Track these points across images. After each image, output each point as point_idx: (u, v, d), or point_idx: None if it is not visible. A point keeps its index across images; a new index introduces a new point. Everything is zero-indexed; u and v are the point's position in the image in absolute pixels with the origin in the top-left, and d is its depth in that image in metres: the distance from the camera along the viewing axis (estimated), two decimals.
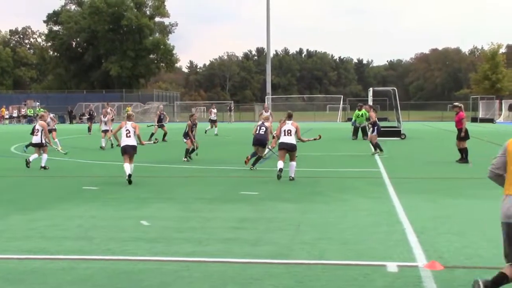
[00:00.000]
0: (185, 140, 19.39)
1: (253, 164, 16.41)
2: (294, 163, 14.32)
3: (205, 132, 33.49)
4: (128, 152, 14.05)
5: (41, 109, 38.70)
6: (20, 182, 14.65)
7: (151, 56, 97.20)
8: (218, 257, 6.95)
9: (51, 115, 27.93)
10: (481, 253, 7.01)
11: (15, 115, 68.78)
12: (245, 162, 16.83)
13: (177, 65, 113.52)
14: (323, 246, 7.40)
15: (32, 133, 17.82)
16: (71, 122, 65.66)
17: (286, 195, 11.69)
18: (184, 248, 7.41)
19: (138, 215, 9.53)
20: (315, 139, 15.78)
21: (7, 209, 10.38)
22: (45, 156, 17.27)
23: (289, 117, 14.85)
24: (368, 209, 9.97)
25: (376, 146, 20.65)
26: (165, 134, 28.95)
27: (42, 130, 17.44)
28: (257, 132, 16.74)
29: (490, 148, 24.73)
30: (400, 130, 30.75)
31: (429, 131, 41.06)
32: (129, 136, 14.28)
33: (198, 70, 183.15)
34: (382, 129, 28.68)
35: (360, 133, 29.99)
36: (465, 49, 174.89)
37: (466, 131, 18.33)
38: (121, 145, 14.35)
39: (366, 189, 12.53)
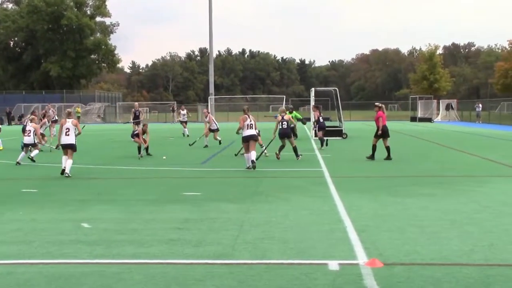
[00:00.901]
0: (133, 140, 21.02)
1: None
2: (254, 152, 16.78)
3: (186, 135, 32.68)
4: (68, 148, 15.30)
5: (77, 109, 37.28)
6: None
7: (92, 56, 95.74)
8: (161, 259, 6.90)
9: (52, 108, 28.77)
10: (419, 249, 7.15)
11: None
12: (277, 157, 18.80)
13: (119, 65, 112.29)
14: (265, 246, 7.43)
15: (23, 132, 19.62)
16: (9, 124, 64.14)
17: (229, 195, 11.69)
18: (126, 250, 7.33)
19: (79, 218, 9.37)
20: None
21: None
22: (35, 151, 19.24)
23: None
24: (310, 208, 10.06)
25: (322, 140, 23.59)
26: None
27: (33, 131, 19.03)
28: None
29: (427, 147, 25.30)
30: (341, 130, 31.15)
31: (370, 131, 41.65)
32: (68, 134, 15.44)
33: (140, 70, 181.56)
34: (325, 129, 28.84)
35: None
36: (404, 50, 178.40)
37: (384, 129, 19.25)
38: (62, 143, 15.50)
39: (308, 188, 12.64)
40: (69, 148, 15.37)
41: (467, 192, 11.86)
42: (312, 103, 33.47)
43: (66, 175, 14.92)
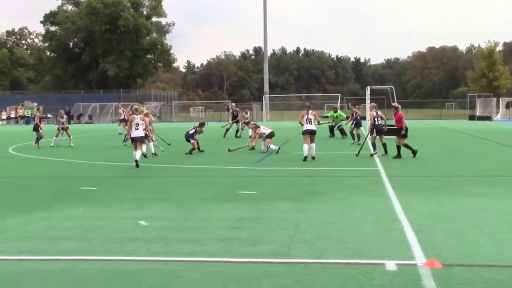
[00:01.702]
0: (192, 141, 21.64)
1: None
2: (314, 145, 18.53)
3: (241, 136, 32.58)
4: (137, 141, 17.28)
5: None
6: (17, 183, 14.62)
7: (148, 56, 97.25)
8: (217, 257, 6.94)
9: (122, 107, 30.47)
10: (479, 250, 7.01)
11: (12, 116, 68.75)
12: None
13: (175, 65, 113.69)
14: (321, 245, 7.39)
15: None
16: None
17: (284, 194, 11.68)
18: (183, 248, 7.40)
19: (137, 216, 9.52)
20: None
21: (4, 210, 10.34)
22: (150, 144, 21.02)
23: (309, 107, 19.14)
24: (366, 208, 9.97)
25: (352, 135, 25.89)
26: (237, 130, 31.65)
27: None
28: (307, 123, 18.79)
29: (486, 145, 24.76)
30: (401, 128, 30.69)
31: (426, 129, 41.09)
32: (138, 128, 17.40)
33: (195, 69, 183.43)
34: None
35: (338, 133, 30.43)
36: (462, 47, 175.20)
37: (406, 129, 19.33)
38: (132, 136, 17.44)
39: (364, 187, 12.53)
40: (138, 141, 17.32)
41: None
42: (368, 101, 33.15)
43: (137, 165, 16.76)
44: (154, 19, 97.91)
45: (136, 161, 16.84)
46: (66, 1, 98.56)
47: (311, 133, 18.52)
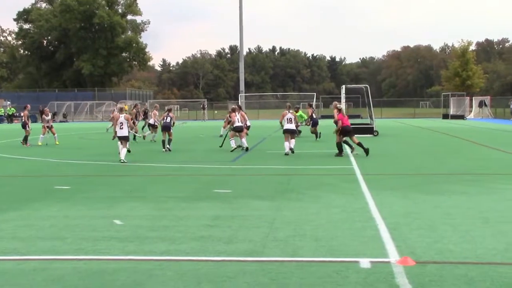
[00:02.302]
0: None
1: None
2: (293, 140, 20.14)
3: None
4: (122, 140, 18.46)
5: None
6: None
7: (124, 54, 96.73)
8: (192, 256, 6.93)
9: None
10: (452, 248, 7.07)
11: None
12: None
13: (150, 63, 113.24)
14: (296, 243, 7.41)
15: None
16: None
17: (259, 193, 11.69)
18: (158, 246, 7.37)
19: (111, 214, 9.46)
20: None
21: None
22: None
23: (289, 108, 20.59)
24: (341, 206, 10.02)
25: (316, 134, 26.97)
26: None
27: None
28: (288, 123, 20.04)
29: (459, 144, 25.01)
30: (372, 127, 30.97)
31: (401, 128, 41.41)
32: (122, 128, 18.42)
33: (171, 68, 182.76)
34: (355, 126, 29.20)
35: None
36: (436, 46, 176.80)
37: (341, 129, 19.36)
38: (117, 135, 18.55)
39: (340, 185, 12.59)
40: (123, 139, 18.50)
41: (500, 190, 11.70)
42: (343, 100, 33.40)
43: (122, 161, 17.77)
44: (129, 17, 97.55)
45: (121, 160, 17.91)
46: None
47: (291, 132, 20.09)
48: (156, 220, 8.99)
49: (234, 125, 21.84)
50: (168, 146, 21.78)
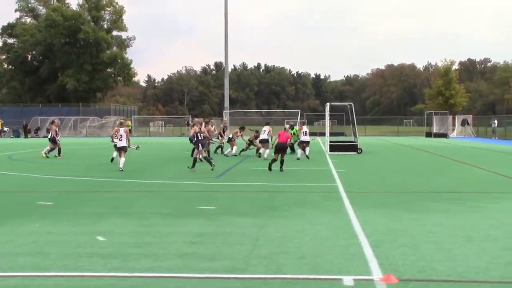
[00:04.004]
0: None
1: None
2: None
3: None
4: (121, 150, 20.77)
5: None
6: None
7: (109, 70, 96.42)
8: (175, 273, 6.91)
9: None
10: (435, 266, 7.12)
11: None
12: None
13: (135, 79, 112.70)
14: (280, 261, 7.42)
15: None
16: (25, 137, 64.60)
17: (243, 210, 11.69)
18: (141, 263, 7.34)
19: (94, 231, 9.41)
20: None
21: None
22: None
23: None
24: (325, 223, 10.04)
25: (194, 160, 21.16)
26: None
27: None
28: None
29: (442, 162, 25.18)
30: (356, 145, 31.10)
31: (385, 146, 41.61)
32: (121, 140, 20.82)
33: (156, 84, 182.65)
34: (339, 143, 29.83)
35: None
36: (420, 65, 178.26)
37: (281, 146, 20.50)
38: (117, 146, 21.33)
39: (323, 203, 12.62)
40: (122, 150, 20.78)
41: (483, 209, 11.79)
42: (328, 117, 33.55)
43: (120, 169, 19.91)
44: (114, 33, 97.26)
45: (120, 168, 20.02)
46: (24, 14, 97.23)
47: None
48: (139, 237, 8.96)
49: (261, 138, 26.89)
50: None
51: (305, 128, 27.81)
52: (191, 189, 15.64)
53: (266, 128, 27.14)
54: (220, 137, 29.76)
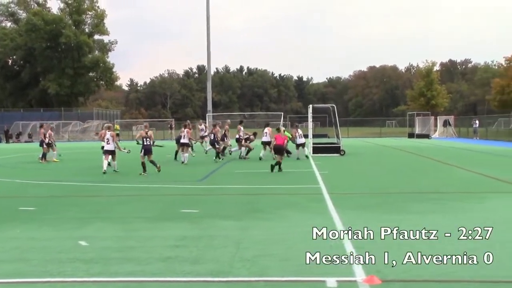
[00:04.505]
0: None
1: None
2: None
3: (206, 153, 32.47)
4: (109, 154, 21.29)
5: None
6: None
7: (91, 74, 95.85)
8: (158, 277, 6.89)
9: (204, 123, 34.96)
10: (418, 266, 7.14)
11: None
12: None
13: (117, 83, 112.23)
14: (264, 263, 7.42)
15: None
16: (7, 142, 64.10)
17: (227, 213, 11.68)
18: (124, 268, 7.31)
19: (77, 236, 9.36)
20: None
21: None
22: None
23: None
24: (308, 225, 10.03)
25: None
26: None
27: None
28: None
29: (425, 163, 25.31)
30: (339, 146, 31.17)
31: (367, 147, 41.74)
32: (109, 143, 21.32)
33: (138, 88, 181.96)
34: (322, 145, 30.02)
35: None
36: (402, 66, 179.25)
37: (276, 147, 21.61)
38: (105, 149, 21.44)
39: (306, 205, 12.65)
40: (110, 154, 21.28)
41: (465, 209, 11.88)
42: (310, 119, 33.63)
43: (115, 170, 21.20)
44: (96, 37, 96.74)
45: (114, 170, 21.26)
46: (5, 18, 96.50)
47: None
48: (122, 241, 8.92)
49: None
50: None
51: (299, 130, 28.51)
52: (174, 192, 15.60)
53: (267, 130, 28.21)
54: (225, 139, 29.63)
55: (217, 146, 26.91)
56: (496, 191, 15.10)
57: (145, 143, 20.50)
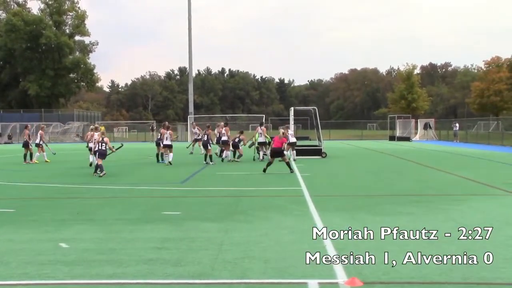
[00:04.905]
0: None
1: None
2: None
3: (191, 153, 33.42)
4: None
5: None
6: None
7: (71, 75, 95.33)
8: (140, 279, 6.86)
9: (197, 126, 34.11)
10: (399, 268, 7.19)
11: None
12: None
13: (98, 84, 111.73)
14: (245, 265, 7.42)
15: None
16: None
17: (208, 215, 11.66)
18: (105, 270, 7.28)
19: (57, 238, 9.30)
20: None
21: None
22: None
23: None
24: (290, 227, 10.07)
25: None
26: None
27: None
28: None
29: (406, 165, 25.46)
30: (321, 149, 31.24)
31: (349, 149, 41.90)
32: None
33: (120, 89, 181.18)
34: (303, 148, 30.22)
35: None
36: (383, 69, 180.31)
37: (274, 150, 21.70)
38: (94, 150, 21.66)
39: (288, 207, 12.66)
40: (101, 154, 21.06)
41: (445, 211, 11.95)
42: (292, 122, 33.69)
43: (101, 174, 20.14)
44: (77, 38, 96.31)
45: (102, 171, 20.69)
46: None
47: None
48: (103, 243, 8.88)
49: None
50: None
51: (290, 130, 29.24)
52: (156, 194, 15.55)
53: (261, 130, 28.73)
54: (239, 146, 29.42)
55: (209, 148, 26.72)
56: (476, 194, 15.22)
57: (100, 148, 20.82)
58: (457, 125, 59.36)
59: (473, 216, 11.38)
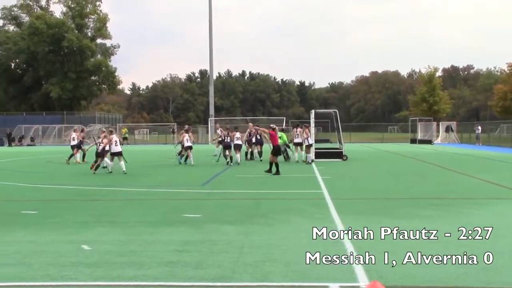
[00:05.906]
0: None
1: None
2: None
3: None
4: (117, 155, 22.83)
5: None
6: None
7: (93, 78, 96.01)
8: (161, 281, 6.88)
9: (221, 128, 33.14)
10: (420, 272, 7.13)
11: None
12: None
13: (120, 87, 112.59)
14: (266, 268, 7.40)
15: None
16: (9, 145, 64.13)
17: (229, 218, 11.66)
18: (126, 272, 7.30)
19: (79, 240, 9.35)
20: None
21: None
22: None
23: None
24: (310, 230, 10.02)
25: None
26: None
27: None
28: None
29: (427, 169, 25.29)
30: (342, 152, 31.14)
31: (370, 152, 41.72)
32: (117, 145, 22.84)
33: (141, 92, 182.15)
34: (324, 150, 30.16)
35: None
36: (404, 72, 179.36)
37: (276, 148, 22.09)
38: (112, 151, 22.84)
39: (309, 210, 12.62)
40: (118, 155, 22.76)
41: (465, 215, 11.84)
42: (313, 125, 33.60)
43: (124, 172, 21.86)
44: (99, 40, 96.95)
45: (124, 171, 22.06)
46: (8, 22, 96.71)
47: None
48: (124, 245, 8.91)
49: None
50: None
51: (297, 131, 29.67)
52: (176, 197, 15.59)
53: (299, 131, 29.58)
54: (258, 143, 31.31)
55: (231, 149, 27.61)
56: (498, 197, 15.07)
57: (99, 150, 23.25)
58: (480, 128, 58.79)
59: (493, 220, 11.22)
